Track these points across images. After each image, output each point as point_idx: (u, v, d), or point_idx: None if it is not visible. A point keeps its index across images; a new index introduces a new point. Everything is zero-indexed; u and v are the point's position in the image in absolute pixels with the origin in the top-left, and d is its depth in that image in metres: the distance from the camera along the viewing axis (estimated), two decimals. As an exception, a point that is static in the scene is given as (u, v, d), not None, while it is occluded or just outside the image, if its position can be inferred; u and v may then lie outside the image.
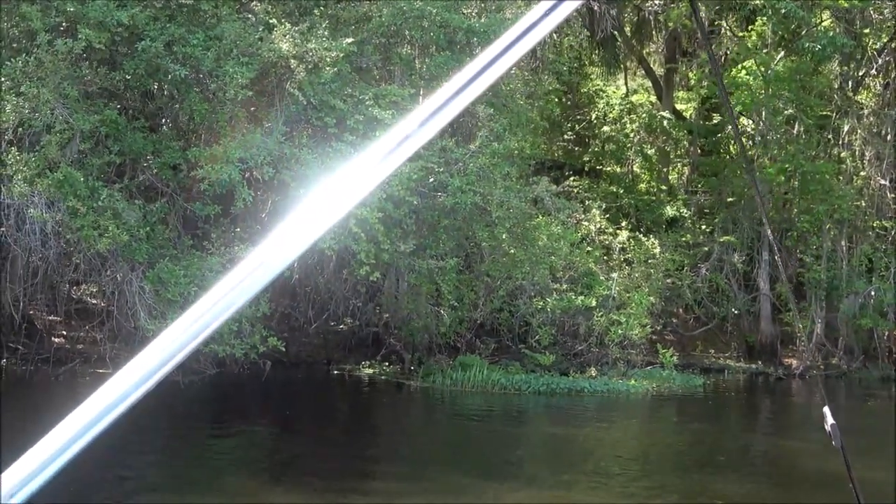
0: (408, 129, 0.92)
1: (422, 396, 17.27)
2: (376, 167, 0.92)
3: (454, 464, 11.71)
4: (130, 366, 0.85)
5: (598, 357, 20.42)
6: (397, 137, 0.92)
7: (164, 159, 13.92)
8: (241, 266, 0.90)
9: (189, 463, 9.12)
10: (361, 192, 0.92)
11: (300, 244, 0.91)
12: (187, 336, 0.87)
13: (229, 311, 0.89)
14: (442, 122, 0.93)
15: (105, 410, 0.83)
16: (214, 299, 0.88)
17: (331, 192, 0.92)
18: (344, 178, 0.92)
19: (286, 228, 0.92)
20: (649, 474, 11.53)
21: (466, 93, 0.94)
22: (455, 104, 0.93)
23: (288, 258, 0.92)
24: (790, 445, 14.14)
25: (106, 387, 0.84)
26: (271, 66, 14.93)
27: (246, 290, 0.89)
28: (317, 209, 0.92)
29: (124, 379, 0.84)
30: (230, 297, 0.88)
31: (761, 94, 26.33)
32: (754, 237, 27.70)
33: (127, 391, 0.84)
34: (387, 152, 0.92)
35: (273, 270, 0.90)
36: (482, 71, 0.95)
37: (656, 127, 30.85)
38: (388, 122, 15.62)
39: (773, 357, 26.84)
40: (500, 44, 0.97)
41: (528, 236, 17.63)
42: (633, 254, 24.81)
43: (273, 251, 0.91)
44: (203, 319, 0.87)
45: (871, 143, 27.05)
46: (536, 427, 14.55)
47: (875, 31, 28.12)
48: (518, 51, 0.97)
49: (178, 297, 13.27)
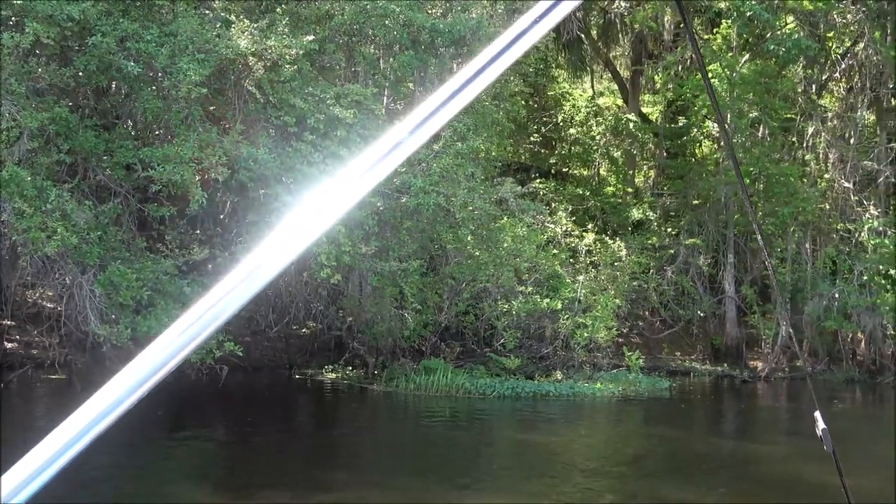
0: (399, 135, 0.90)
1: (385, 401, 16.93)
2: (367, 174, 0.91)
3: (416, 470, 11.42)
4: (125, 372, 0.85)
5: (563, 360, 20.24)
6: (389, 144, 0.91)
7: (116, 159, 13.47)
8: (232, 275, 0.89)
9: (135, 475, 8.70)
10: (351, 200, 0.91)
11: (290, 253, 0.91)
12: (182, 342, 0.86)
13: (220, 320, 0.88)
14: (434, 127, 0.91)
15: (100, 416, 0.83)
16: (205, 307, 0.87)
17: (320, 200, 0.91)
18: (334, 186, 0.91)
19: (276, 237, 0.90)
20: (613, 480, 11.29)
21: (462, 96, 0.92)
22: (449, 108, 0.91)
23: (278, 266, 0.90)
24: (756, 449, 13.99)
25: (101, 392, 0.84)
26: (229, 63, 14.54)
27: (237, 298, 0.88)
28: (307, 217, 0.91)
29: (119, 384, 0.84)
30: (220, 305, 0.87)
31: (726, 97, 26.35)
32: (719, 239, 27.75)
33: (121, 397, 0.84)
34: (378, 159, 0.91)
35: (263, 279, 0.89)
36: (480, 72, 0.93)
37: (622, 129, 30.83)
38: (349, 121, 15.31)
39: (738, 359, 26.87)
40: (494, 47, 0.94)
41: (493, 238, 17.39)
42: (600, 256, 24.69)
43: (263, 260, 0.89)
44: (194, 328, 0.87)
45: (834, 146, 27.19)
46: (500, 432, 14.27)
47: (839, 34, 28.29)
48: (513, 54, 0.94)
49: (130, 301, 12.85)
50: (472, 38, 18.95)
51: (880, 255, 25.41)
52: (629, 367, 20.25)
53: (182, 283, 13.70)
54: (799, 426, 18.25)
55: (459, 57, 19.84)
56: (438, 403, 16.58)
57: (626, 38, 32.37)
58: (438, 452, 12.56)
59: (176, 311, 13.28)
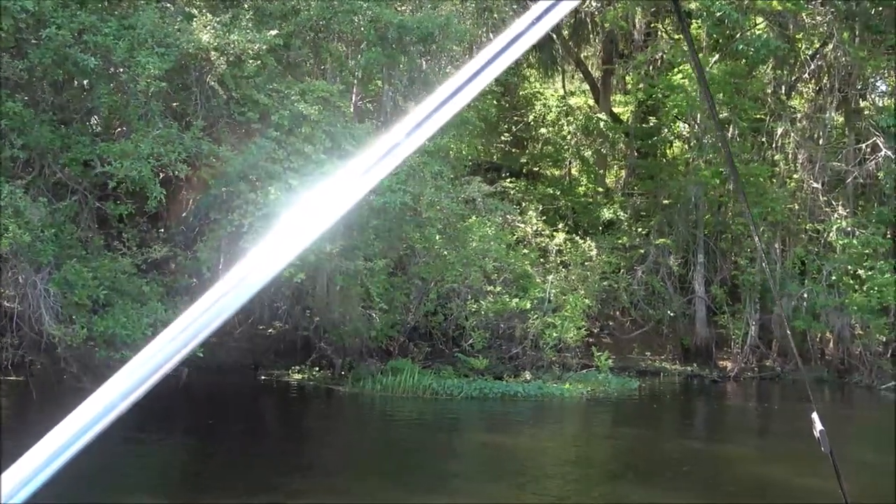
0: (396, 137, 0.90)
1: (351, 402, 16.64)
2: (364, 177, 0.90)
3: (377, 474, 11.17)
4: (119, 374, 0.85)
5: (533, 361, 20.06)
6: (386, 146, 0.90)
7: (73, 154, 13.10)
8: (227, 278, 0.88)
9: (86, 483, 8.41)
10: (349, 203, 0.91)
11: (286, 256, 0.90)
12: (178, 344, 0.86)
13: (217, 322, 0.88)
14: (431, 129, 0.90)
15: (95, 419, 0.84)
16: (202, 310, 0.87)
17: (317, 202, 0.91)
18: (330, 189, 0.90)
19: (272, 239, 0.90)
20: (579, 483, 11.09)
21: (459, 97, 0.91)
22: (446, 110, 0.91)
23: (274, 270, 0.90)
24: (726, 450, 13.87)
25: (96, 395, 0.84)
26: (191, 58, 14.22)
27: (234, 300, 0.88)
28: (303, 220, 0.90)
29: (114, 387, 0.85)
30: (217, 308, 0.88)
31: (696, 98, 26.34)
32: (689, 239, 27.74)
33: (114, 400, 0.84)
34: (375, 161, 0.90)
35: (259, 282, 0.89)
36: (477, 74, 0.92)
37: (593, 129, 30.76)
38: (314, 117, 15.04)
39: (708, 359, 26.87)
40: (492, 49, 0.93)
41: (461, 237, 17.17)
42: (570, 256, 24.57)
43: (259, 263, 0.89)
44: (191, 330, 0.87)
45: (803, 147, 27.27)
46: (466, 433, 14.01)
47: (808, 35, 28.39)
48: (510, 56, 0.93)
49: (86, 301, 12.50)
50: (441, 35, 18.75)
51: (848, 255, 25.51)
52: (598, 367, 20.10)
53: (141, 282, 13.37)
54: (768, 426, 18.22)
55: (429, 54, 19.64)
56: (405, 405, 16.32)
57: (597, 38, 32.32)
58: (401, 455, 12.30)
59: (134, 311, 12.96)
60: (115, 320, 12.51)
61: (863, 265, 25.19)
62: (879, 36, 26.16)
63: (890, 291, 24.50)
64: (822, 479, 11.42)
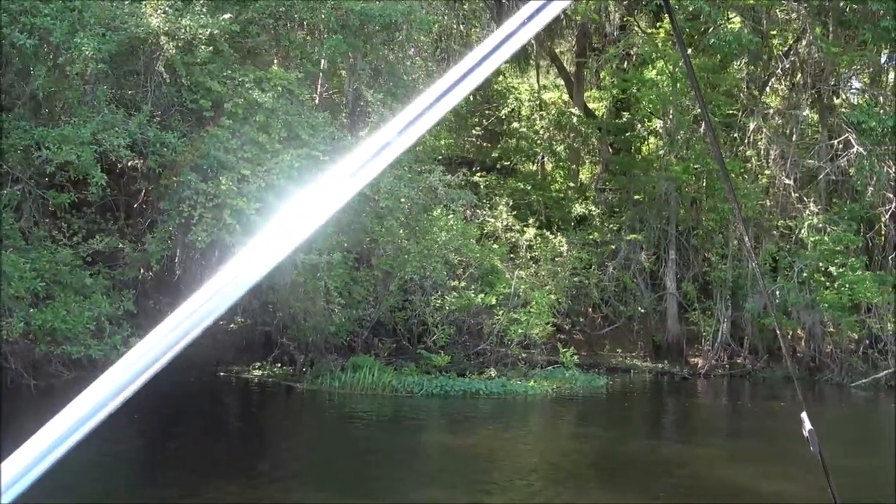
0: (388, 136, 0.90)
1: (307, 400, 16.15)
2: (356, 175, 0.90)
3: (323, 477, 10.70)
4: (105, 377, 0.84)
5: (499, 357, 19.66)
6: (377, 145, 0.90)
7: (12, 140, 12.56)
8: (218, 277, 0.88)
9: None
10: (340, 201, 0.91)
11: (278, 255, 0.90)
12: (163, 346, 0.86)
13: (207, 321, 0.88)
14: (423, 127, 0.90)
15: (81, 420, 0.83)
16: (191, 310, 0.87)
17: (306, 201, 0.90)
18: (320, 188, 0.90)
19: (263, 238, 0.89)
20: (535, 485, 10.65)
21: (451, 96, 0.91)
22: (438, 108, 0.91)
23: (265, 269, 0.89)
24: (687, 451, 13.49)
25: (81, 397, 0.83)
26: (140, 42, 13.71)
27: (224, 300, 0.88)
28: (294, 219, 0.90)
29: (99, 389, 0.84)
30: (207, 307, 0.87)
31: (669, 94, 26.08)
32: (661, 235, 27.45)
33: (102, 401, 0.83)
34: (367, 160, 0.90)
35: (249, 281, 0.88)
36: (468, 73, 0.91)
37: (565, 124, 30.43)
38: (268, 105, 14.58)
39: (679, 356, 26.61)
40: (484, 48, 0.92)
41: (422, 229, 16.74)
42: (540, 251, 24.21)
43: (249, 262, 0.88)
44: (179, 331, 0.87)
45: (776, 143, 27.05)
46: (421, 433, 13.52)
47: (781, 30, 28.21)
48: (502, 55, 0.92)
49: (24, 294, 11.98)
50: (404, 23, 18.32)
51: (820, 252, 25.31)
52: (564, 364, 19.72)
53: (84, 274, 12.86)
54: (735, 425, 17.90)
55: (394, 44, 19.19)
56: (363, 403, 15.84)
57: (571, 33, 32.01)
58: (350, 456, 11.82)
59: (76, 304, 12.45)
60: (54, 314, 12.01)
61: (834, 262, 25.00)
62: (852, 31, 25.99)
63: (861, 288, 24.32)
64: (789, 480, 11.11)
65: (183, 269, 16.75)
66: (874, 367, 25.22)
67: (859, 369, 25.21)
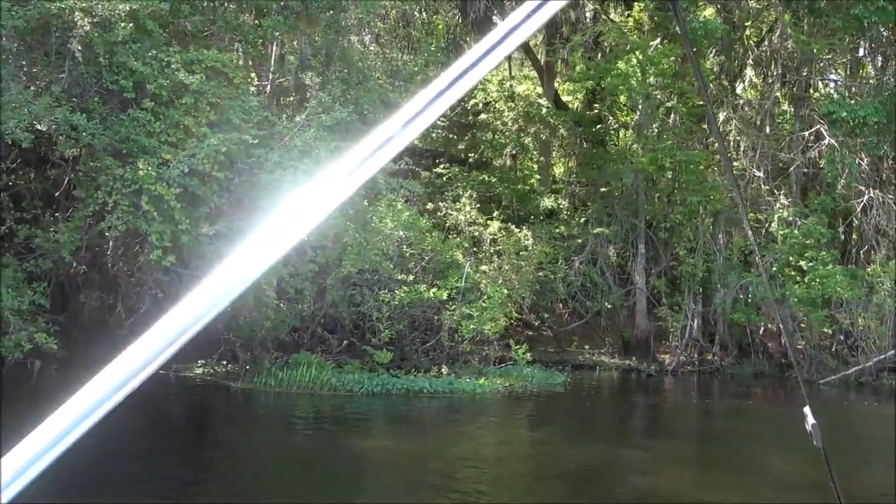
0: (391, 130, 0.90)
1: (240, 400, 15.31)
2: (358, 170, 0.90)
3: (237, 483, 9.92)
4: (96, 379, 0.83)
5: (453, 354, 18.89)
6: (380, 139, 0.90)
7: None
8: (214, 275, 0.86)
9: None
10: (341, 197, 0.90)
11: (278, 251, 0.88)
12: (164, 343, 0.86)
13: (203, 321, 0.87)
14: (425, 123, 0.91)
15: (75, 422, 0.82)
16: (186, 311, 0.86)
17: (309, 197, 0.89)
18: (322, 183, 0.90)
19: (262, 234, 0.87)
20: (448, 492, 9.80)
21: (451, 92, 0.91)
22: (439, 104, 0.91)
23: (263, 267, 0.88)
24: (625, 455, 12.62)
25: (74, 399, 0.82)
26: (54, 18, 12.90)
27: (221, 299, 0.86)
28: (294, 215, 0.89)
29: (91, 392, 0.83)
30: (202, 308, 0.86)
31: (638, 86, 25.41)
32: (629, 229, 26.77)
33: (95, 404, 0.82)
34: (369, 153, 0.90)
35: (248, 279, 0.87)
36: (467, 70, 0.92)
37: (534, 115, 29.71)
38: (195, 87, 13.77)
39: (647, 353, 25.96)
40: (484, 44, 0.92)
41: (360, 219, 15.97)
42: (504, 245, 23.47)
43: (247, 260, 0.87)
44: (171, 333, 0.86)
45: (746, 134, 26.38)
46: (343, 437, 12.48)
47: (753, 19, 27.61)
48: (502, 51, 0.93)
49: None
50: (350, 3, 17.56)
51: (790, 245, 24.67)
52: (516, 361, 18.96)
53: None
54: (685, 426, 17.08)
55: (337, 25, 18.42)
56: (298, 402, 15.00)
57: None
58: (267, 462, 11.00)
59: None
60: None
61: (804, 256, 24.37)
62: (823, 19, 25.35)
63: (832, 283, 23.70)
64: (721, 489, 10.37)
65: (114, 260, 15.96)
66: (844, 363, 24.61)
67: (830, 366, 24.59)
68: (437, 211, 24.25)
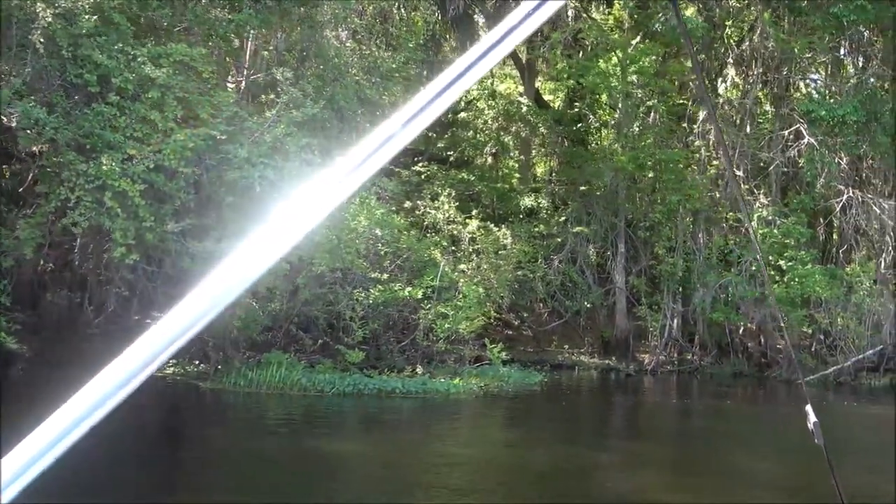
0: (392, 128, 0.90)
1: (209, 400, 15.02)
2: (358, 169, 0.89)
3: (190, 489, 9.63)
4: (105, 373, 0.83)
5: (428, 354, 18.65)
6: (381, 137, 0.89)
7: None
8: (214, 274, 0.87)
9: None
10: (342, 196, 0.90)
11: (278, 251, 0.88)
12: (154, 350, 0.85)
13: (204, 320, 0.86)
14: (425, 121, 0.91)
15: (76, 420, 0.81)
16: (187, 309, 0.85)
17: (309, 196, 0.89)
18: (323, 182, 0.89)
19: (263, 233, 0.88)
20: (408, 497, 9.53)
21: (452, 90, 0.91)
22: (440, 103, 0.91)
23: (265, 265, 0.89)
24: (595, 457, 12.36)
25: (75, 398, 0.82)
26: (15, 10, 12.59)
27: (224, 296, 0.87)
28: (295, 214, 0.89)
29: (92, 391, 0.83)
30: (204, 306, 0.86)
31: (618, 87, 25.27)
32: (609, 228, 26.63)
33: (97, 402, 0.83)
34: (370, 152, 0.89)
35: (249, 278, 0.88)
36: (467, 70, 0.91)
37: (515, 114, 29.54)
38: (161, 81, 13.49)
39: (627, 352, 25.82)
40: (483, 43, 0.93)
41: (333, 217, 15.72)
42: (482, 244, 23.25)
43: (250, 258, 0.88)
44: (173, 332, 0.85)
45: (725, 133, 26.28)
46: (308, 439, 12.12)
47: (734, 18, 27.53)
48: (502, 50, 0.93)
49: None
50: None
51: (769, 245, 24.57)
52: (492, 360, 18.74)
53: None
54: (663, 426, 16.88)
55: (311, 20, 18.16)
56: (268, 403, 14.72)
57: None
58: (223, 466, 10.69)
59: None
60: None
61: (783, 255, 24.28)
62: (803, 18, 25.29)
63: (811, 282, 23.62)
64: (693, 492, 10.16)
65: (81, 258, 15.66)
66: (823, 363, 24.54)
67: (809, 366, 24.51)
68: (415, 209, 24.04)
